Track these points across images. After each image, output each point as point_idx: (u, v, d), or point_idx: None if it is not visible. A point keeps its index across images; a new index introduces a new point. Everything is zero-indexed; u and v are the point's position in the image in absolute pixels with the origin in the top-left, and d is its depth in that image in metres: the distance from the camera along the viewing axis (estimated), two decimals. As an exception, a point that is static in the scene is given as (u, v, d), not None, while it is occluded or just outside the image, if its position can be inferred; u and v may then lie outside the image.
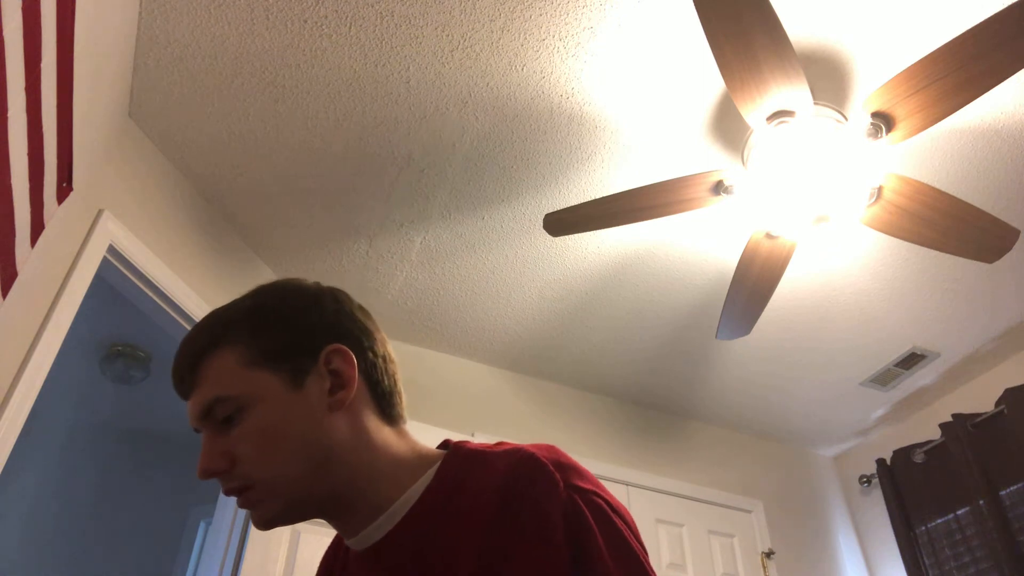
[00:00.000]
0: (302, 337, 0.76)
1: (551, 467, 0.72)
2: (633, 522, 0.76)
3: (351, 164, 2.29)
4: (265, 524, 0.74)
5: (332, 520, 0.78)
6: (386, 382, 0.80)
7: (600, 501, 0.72)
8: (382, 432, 0.78)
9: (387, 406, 0.80)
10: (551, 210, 2.31)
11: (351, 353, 0.77)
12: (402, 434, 0.81)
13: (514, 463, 0.72)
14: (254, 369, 0.73)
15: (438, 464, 0.77)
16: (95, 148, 1.88)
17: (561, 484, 0.71)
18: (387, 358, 0.82)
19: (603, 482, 0.77)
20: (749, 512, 3.35)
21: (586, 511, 0.70)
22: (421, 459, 0.78)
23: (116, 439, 3.73)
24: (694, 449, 3.49)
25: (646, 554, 0.73)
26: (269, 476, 0.72)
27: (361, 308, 0.83)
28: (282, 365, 0.74)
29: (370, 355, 0.79)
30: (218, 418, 0.73)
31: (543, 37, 1.92)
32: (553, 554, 0.67)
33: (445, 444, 0.83)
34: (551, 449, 0.75)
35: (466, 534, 0.70)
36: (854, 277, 2.69)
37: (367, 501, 0.75)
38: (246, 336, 0.75)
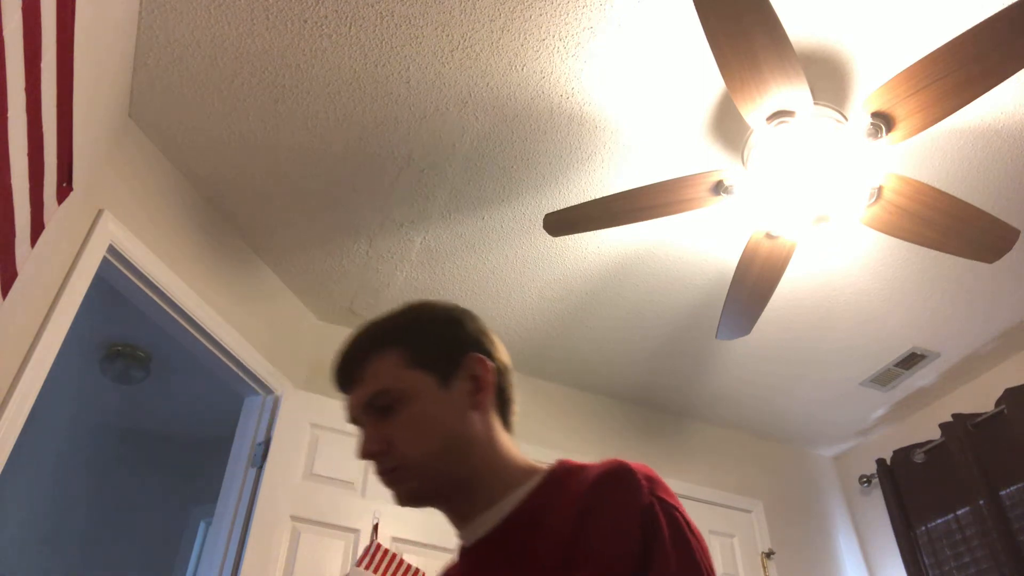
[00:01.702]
0: (450, 346, 0.91)
1: (640, 476, 0.79)
2: (707, 549, 0.80)
3: (351, 164, 2.29)
4: (407, 499, 0.87)
5: (452, 508, 0.89)
6: (508, 391, 0.95)
7: (679, 516, 0.78)
8: (502, 435, 0.91)
9: (506, 413, 0.94)
10: (551, 210, 2.31)
11: (489, 362, 0.91)
12: (513, 442, 0.94)
13: (606, 469, 0.81)
14: (411, 369, 0.87)
15: (545, 473, 0.88)
16: (95, 148, 1.88)
17: (646, 489, 0.77)
18: (508, 369, 0.96)
19: None
20: (749, 512, 3.35)
21: (663, 519, 0.76)
22: (531, 468, 0.90)
23: (116, 439, 3.73)
24: (694, 449, 3.49)
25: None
26: (418, 457, 0.84)
27: (487, 327, 0.98)
28: (434, 367, 0.88)
29: (498, 365, 0.93)
30: (378, 408, 0.87)
31: (543, 37, 1.92)
32: (625, 551, 0.73)
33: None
34: (644, 466, 0.82)
35: (555, 532, 0.78)
36: (854, 277, 2.69)
37: (484, 493, 0.86)
38: (405, 342, 0.89)
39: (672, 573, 0.73)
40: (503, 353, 0.96)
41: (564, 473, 0.86)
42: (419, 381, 0.87)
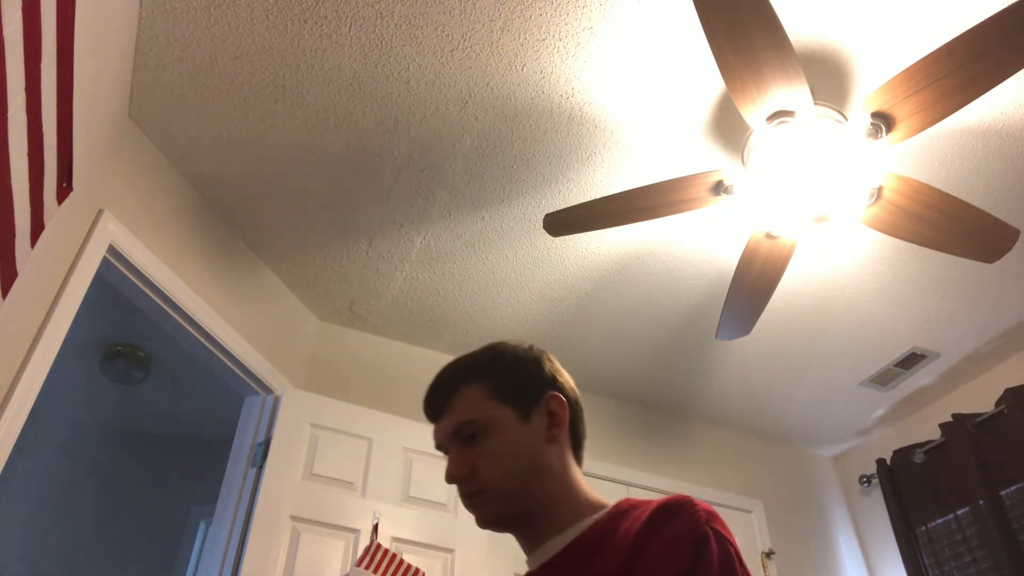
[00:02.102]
0: (531, 383, 0.98)
1: (700, 508, 0.84)
2: None
3: (351, 164, 2.29)
4: (486, 523, 0.94)
5: (525, 534, 0.95)
6: (581, 429, 1.02)
7: (732, 550, 0.82)
8: (574, 468, 0.98)
9: (578, 448, 1.01)
10: (551, 210, 2.31)
11: (565, 400, 0.98)
12: (582, 476, 1.00)
13: (668, 500, 0.86)
14: (495, 402, 0.95)
15: (611, 506, 0.93)
16: (95, 148, 1.88)
17: (703, 520, 0.82)
18: (580, 407, 1.03)
19: (603, 482, 0.83)
20: (749, 512, 3.35)
21: (715, 548, 0.80)
22: (599, 502, 0.96)
23: (116, 439, 3.73)
24: (694, 449, 3.49)
25: None
26: (498, 484, 0.92)
27: (559, 366, 1.05)
28: (515, 402, 0.96)
29: (573, 404, 1.00)
30: (464, 436, 0.94)
31: (543, 37, 1.92)
32: (676, 570, 0.78)
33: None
34: (707, 504, 0.86)
35: (613, 554, 0.84)
36: (854, 277, 2.69)
37: (553, 520, 0.92)
38: (490, 377, 0.98)
39: None
40: (574, 390, 1.03)
41: (628, 507, 0.91)
42: (502, 414, 0.94)
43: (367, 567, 2.21)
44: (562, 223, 2.11)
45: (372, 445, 2.58)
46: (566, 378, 1.03)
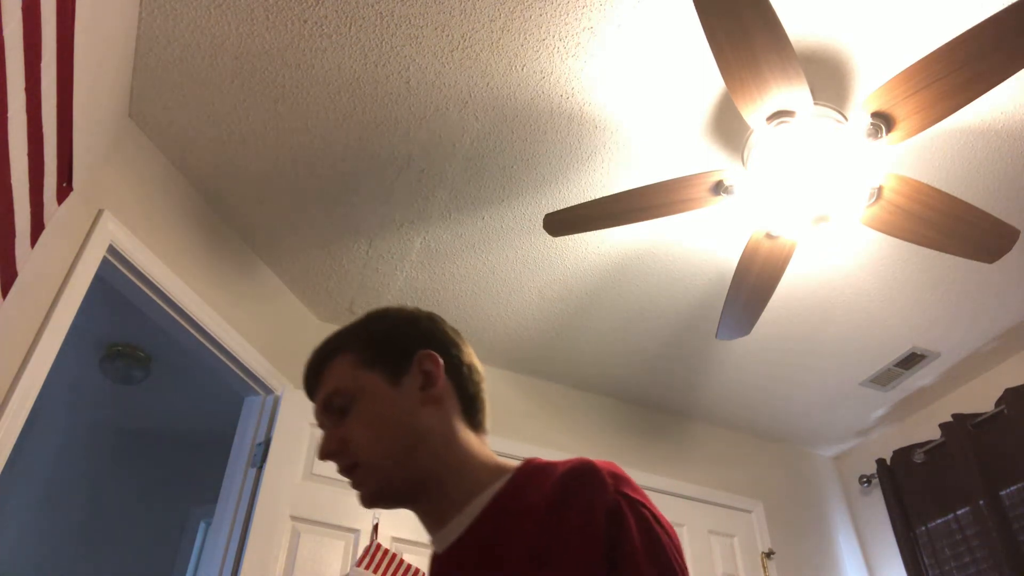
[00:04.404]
0: (400, 343, 0.93)
1: (605, 473, 0.79)
2: (679, 543, 0.80)
3: (351, 164, 2.29)
4: (367, 501, 0.88)
5: (421, 509, 0.89)
6: (471, 389, 0.95)
7: (646, 512, 0.78)
8: (465, 433, 0.91)
9: (471, 411, 0.94)
10: (551, 210, 2.31)
11: (439, 356, 0.92)
12: (483, 442, 0.94)
13: (571, 467, 0.81)
14: (363, 369, 0.90)
15: (512, 473, 0.87)
16: (95, 148, 1.88)
17: (611, 487, 0.77)
18: (472, 368, 0.97)
19: None
20: (749, 512, 3.35)
21: (629, 514, 0.76)
22: (499, 467, 0.89)
23: (116, 439, 3.73)
24: (694, 449, 3.49)
25: (685, 572, 0.77)
26: (371, 453, 0.86)
27: (453, 329, 1.00)
28: (383, 366, 0.91)
29: (456, 362, 0.94)
30: (335, 410, 0.90)
31: (543, 37, 1.92)
32: (591, 549, 0.73)
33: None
34: (610, 463, 0.82)
35: (522, 532, 0.78)
36: (854, 277, 2.69)
37: (448, 494, 0.87)
38: (356, 344, 0.93)
39: (641, 568, 0.73)
40: (470, 354, 0.98)
41: (531, 472, 0.86)
42: (369, 380, 0.89)
43: (367, 567, 2.21)
44: (562, 223, 2.12)
45: (372, 445, 2.58)
46: (453, 339, 0.97)
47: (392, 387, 0.89)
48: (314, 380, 0.94)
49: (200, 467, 3.55)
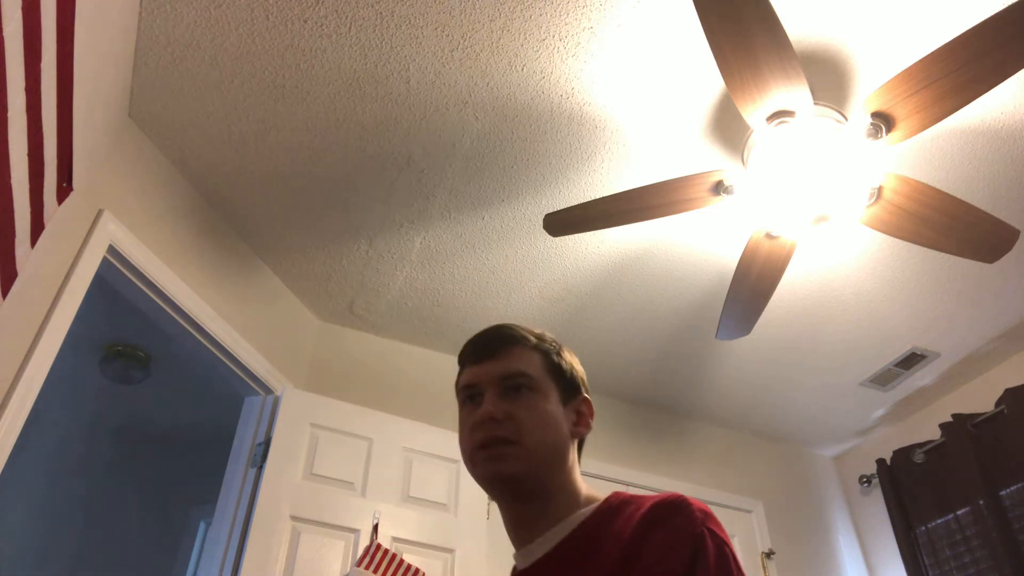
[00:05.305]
0: (575, 378, 1.02)
1: (696, 508, 0.84)
2: None
3: (351, 164, 2.29)
4: (503, 479, 0.92)
5: (524, 512, 0.94)
6: (586, 436, 1.04)
7: (727, 550, 0.81)
8: (577, 468, 1.00)
9: (580, 453, 1.03)
10: (551, 210, 2.31)
11: (593, 408, 1.02)
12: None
13: (662, 499, 0.86)
14: (547, 375, 0.98)
15: (601, 502, 0.94)
16: (95, 148, 1.88)
17: (699, 520, 0.82)
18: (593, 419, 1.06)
19: (603, 482, 0.83)
20: (749, 512, 3.35)
21: (712, 549, 0.80)
22: (592, 496, 0.96)
23: (116, 439, 3.73)
24: (694, 449, 3.49)
25: None
26: (532, 443, 0.91)
27: None
28: (560, 385, 0.99)
29: (593, 410, 1.04)
30: (511, 386, 0.95)
31: (543, 37, 1.92)
32: (673, 571, 0.78)
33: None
34: (701, 502, 0.87)
35: (608, 555, 0.83)
36: (854, 277, 2.69)
37: (550, 508, 0.92)
38: (548, 353, 1.01)
39: None
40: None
41: (619, 502, 0.92)
42: (550, 386, 0.97)
43: (367, 567, 2.21)
44: (562, 223, 2.11)
45: (372, 445, 2.58)
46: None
47: (560, 406, 0.97)
48: (499, 346, 0.98)
49: (200, 467, 3.55)
